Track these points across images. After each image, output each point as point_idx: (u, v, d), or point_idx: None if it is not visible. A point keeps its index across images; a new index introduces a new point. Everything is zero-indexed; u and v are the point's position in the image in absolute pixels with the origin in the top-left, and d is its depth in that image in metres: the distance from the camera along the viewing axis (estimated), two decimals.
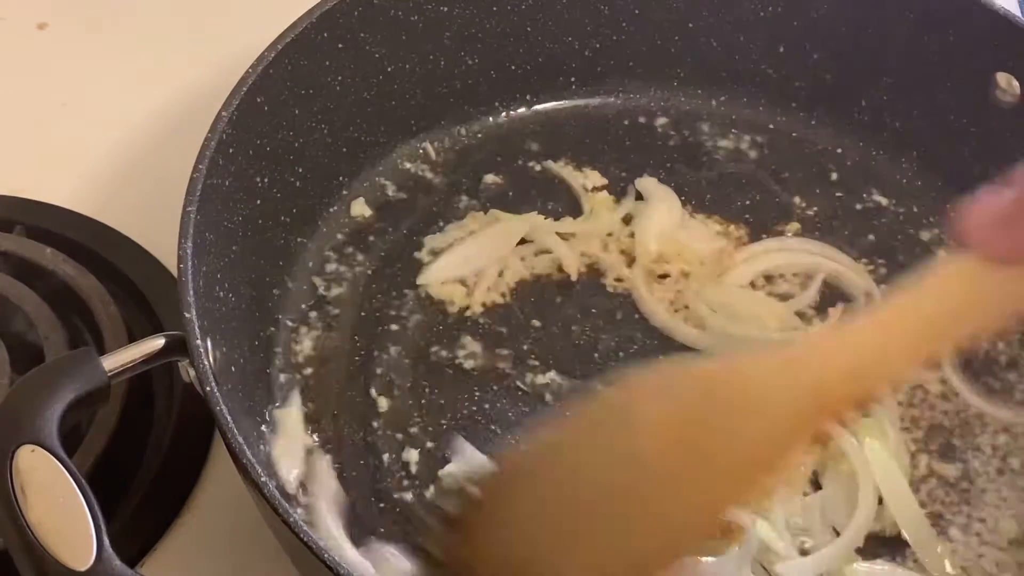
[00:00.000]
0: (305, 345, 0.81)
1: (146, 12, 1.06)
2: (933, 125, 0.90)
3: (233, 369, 0.74)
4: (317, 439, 0.76)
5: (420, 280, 0.83)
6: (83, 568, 0.55)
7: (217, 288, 0.74)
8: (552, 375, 0.80)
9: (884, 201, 0.91)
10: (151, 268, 0.86)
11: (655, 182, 0.89)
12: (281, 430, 0.76)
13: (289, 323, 0.82)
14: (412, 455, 0.76)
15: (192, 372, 0.65)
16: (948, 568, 0.72)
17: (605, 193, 0.89)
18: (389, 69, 0.89)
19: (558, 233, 0.87)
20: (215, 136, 0.74)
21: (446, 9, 0.89)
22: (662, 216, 0.87)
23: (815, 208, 0.90)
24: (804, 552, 0.72)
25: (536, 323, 0.83)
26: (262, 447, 0.75)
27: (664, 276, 0.85)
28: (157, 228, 0.84)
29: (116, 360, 0.64)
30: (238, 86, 0.77)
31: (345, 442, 0.77)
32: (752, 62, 0.95)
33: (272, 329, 0.81)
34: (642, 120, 0.95)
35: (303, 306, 0.83)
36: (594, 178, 0.90)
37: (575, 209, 0.88)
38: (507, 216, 0.86)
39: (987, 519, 0.74)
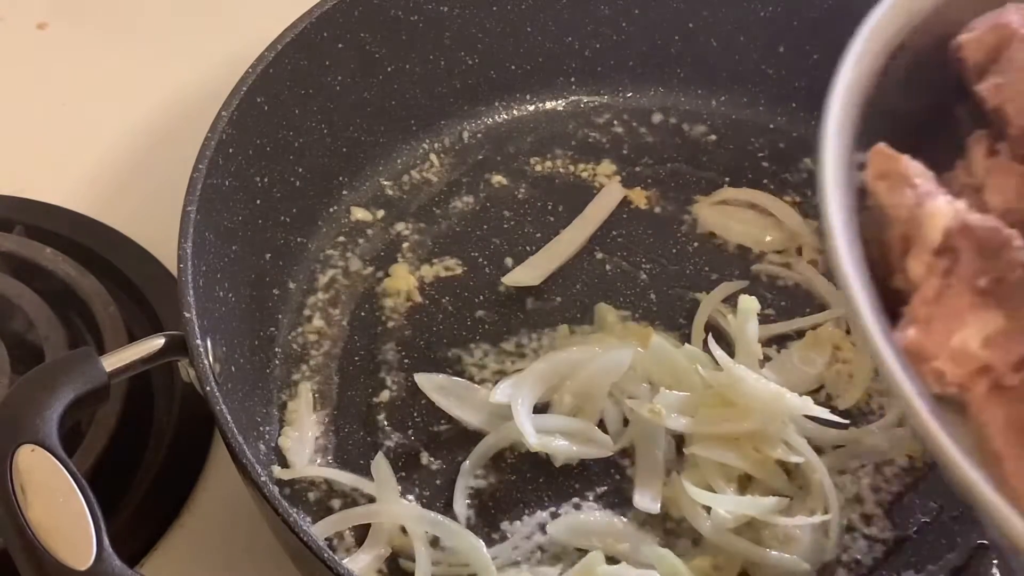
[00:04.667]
0: (304, 345, 0.81)
1: (146, 12, 1.06)
2: None
3: (233, 369, 0.74)
4: (318, 437, 0.77)
5: None
6: (83, 568, 0.55)
7: (217, 288, 0.74)
8: None
9: None
10: (151, 268, 0.86)
11: None
12: (291, 420, 0.77)
13: (289, 323, 0.82)
14: (414, 454, 0.76)
15: (192, 372, 0.65)
16: None
17: None
18: (389, 69, 0.89)
19: None
20: (215, 136, 0.74)
21: (446, 9, 0.89)
22: None
23: (816, 207, 0.90)
24: None
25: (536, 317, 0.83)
26: (262, 446, 0.75)
27: None
28: (157, 228, 0.84)
29: (116, 360, 0.65)
30: (238, 86, 0.78)
31: (345, 442, 0.77)
32: (752, 62, 0.95)
33: (272, 329, 0.81)
34: (642, 120, 0.95)
35: (303, 306, 0.83)
36: (605, 169, 0.91)
37: (575, 208, 0.88)
38: None
39: None
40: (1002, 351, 0.48)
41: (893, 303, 0.50)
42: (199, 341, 0.65)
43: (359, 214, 0.88)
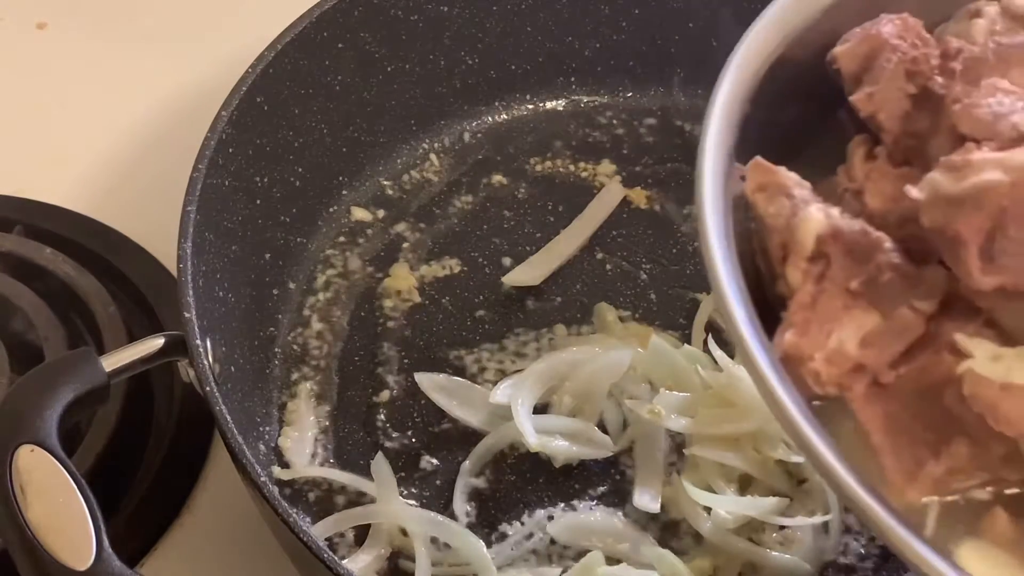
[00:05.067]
0: (304, 345, 0.81)
1: (146, 12, 1.06)
2: None
3: (233, 369, 0.74)
4: (318, 437, 0.77)
5: None
6: (83, 568, 0.55)
7: (217, 288, 0.74)
8: None
9: None
10: (151, 268, 0.86)
11: None
12: (290, 420, 0.77)
13: (289, 323, 0.82)
14: (413, 455, 0.76)
15: (192, 372, 0.65)
16: None
17: None
18: (389, 69, 0.89)
19: None
20: (215, 136, 0.74)
21: (446, 9, 0.89)
22: None
23: None
24: None
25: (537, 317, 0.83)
26: (262, 446, 0.75)
27: None
28: (157, 228, 0.84)
29: (115, 360, 0.65)
30: (238, 86, 0.78)
31: (345, 442, 0.77)
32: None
33: (272, 329, 0.81)
34: (642, 120, 0.95)
35: (303, 306, 0.83)
36: (605, 169, 0.91)
37: (575, 208, 0.88)
38: None
39: None
40: (878, 350, 0.49)
41: (781, 310, 0.52)
42: (199, 341, 0.65)
43: (359, 214, 0.88)
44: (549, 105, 0.95)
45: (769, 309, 0.52)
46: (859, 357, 0.49)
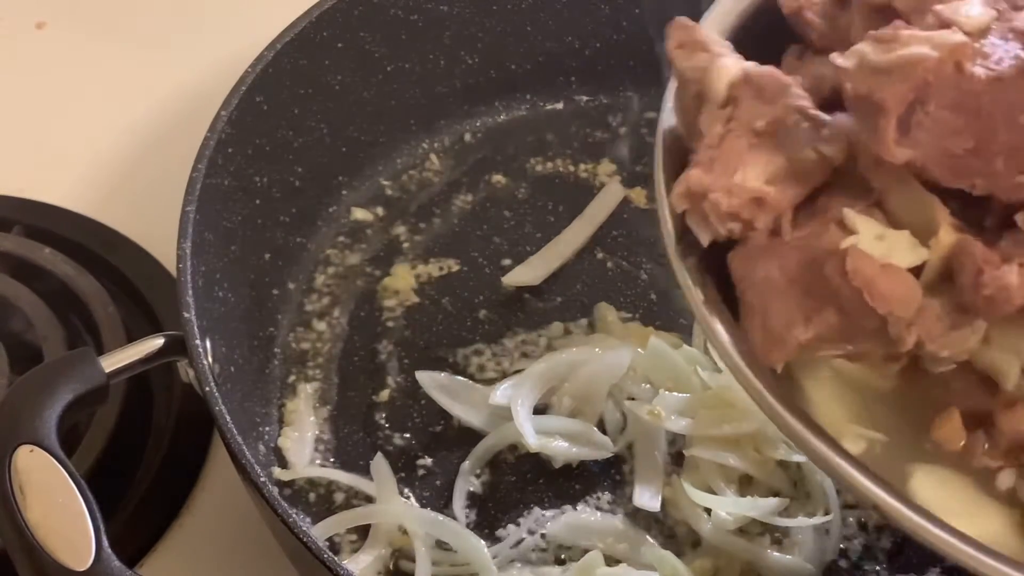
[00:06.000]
0: (304, 345, 0.81)
1: (145, 12, 1.06)
2: None
3: (233, 369, 0.74)
4: (318, 438, 0.77)
5: None
6: (82, 568, 0.55)
7: (216, 288, 0.74)
8: None
9: None
10: (150, 268, 0.86)
11: None
12: (290, 420, 0.77)
13: (289, 323, 0.82)
14: (413, 455, 0.76)
15: (191, 372, 0.65)
16: None
17: None
18: (389, 69, 0.89)
19: None
20: (214, 136, 0.74)
21: (446, 9, 0.89)
22: None
23: None
24: None
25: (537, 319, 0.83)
26: (261, 446, 0.75)
27: None
28: (156, 228, 0.84)
29: (115, 360, 0.64)
30: (237, 86, 0.78)
31: (345, 442, 0.77)
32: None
33: (272, 329, 0.81)
34: (642, 120, 0.95)
35: (303, 306, 0.83)
36: (605, 169, 0.91)
37: (575, 208, 0.88)
38: None
39: None
40: (781, 189, 0.51)
41: None
42: (198, 341, 0.65)
43: (359, 214, 0.88)
44: (549, 105, 0.95)
45: None
46: (760, 191, 0.50)
